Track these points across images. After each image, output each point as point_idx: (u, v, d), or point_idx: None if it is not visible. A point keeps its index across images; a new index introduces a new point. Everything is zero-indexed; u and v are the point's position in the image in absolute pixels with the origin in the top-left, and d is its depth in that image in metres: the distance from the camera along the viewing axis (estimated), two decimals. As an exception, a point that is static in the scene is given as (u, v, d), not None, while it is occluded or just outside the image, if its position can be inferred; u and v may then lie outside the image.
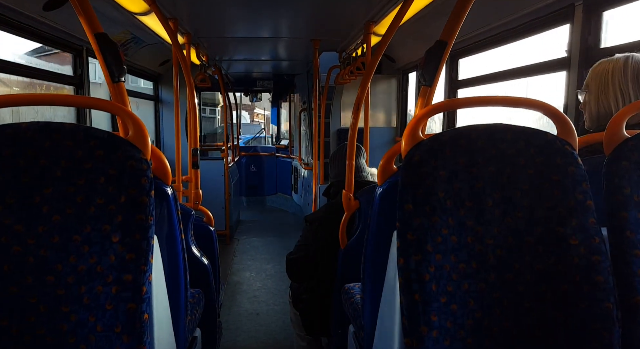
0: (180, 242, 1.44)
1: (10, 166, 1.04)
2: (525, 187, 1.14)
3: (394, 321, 1.18)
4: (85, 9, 1.39)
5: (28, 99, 1.19)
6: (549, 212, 1.12)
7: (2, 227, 1.01)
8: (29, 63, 2.83)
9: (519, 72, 2.63)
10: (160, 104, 5.67)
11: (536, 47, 2.57)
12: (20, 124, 1.08)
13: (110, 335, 1.00)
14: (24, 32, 2.58)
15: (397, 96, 4.96)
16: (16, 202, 1.03)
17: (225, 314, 3.52)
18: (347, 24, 3.51)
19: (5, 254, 1.00)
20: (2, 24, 2.36)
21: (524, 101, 1.27)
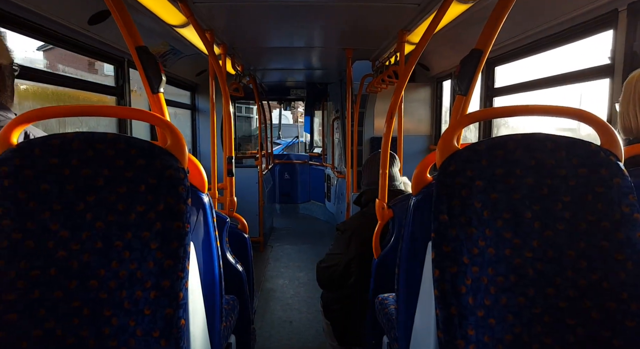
0: (216, 249, 1.46)
1: (57, 174, 1.08)
2: (567, 199, 1.10)
3: (430, 333, 1.16)
4: (127, 23, 1.44)
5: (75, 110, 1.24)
6: (592, 226, 1.08)
7: (49, 233, 1.05)
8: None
9: (559, 80, 2.56)
10: (197, 113, 5.81)
11: (574, 54, 2.50)
12: (66, 134, 1.13)
13: (149, 340, 1.02)
14: (69, 45, 2.70)
15: (431, 104, 4.91)
16: (62, 209, 1.07)
17: (259, 321, 3.55)
18: (380, 33, 3.50)
19: (51, 259, 1.04)
20: (51, 38, 2.48)
21: (565, 110, 1.23)
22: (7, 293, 1.01)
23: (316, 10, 2.87)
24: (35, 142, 1.10)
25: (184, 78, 5.08)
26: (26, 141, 1.10)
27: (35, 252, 1.04)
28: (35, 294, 1.03)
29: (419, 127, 4.98)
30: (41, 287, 1.03)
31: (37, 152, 1.08)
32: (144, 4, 2.50)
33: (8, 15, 2.03)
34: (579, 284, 1.07)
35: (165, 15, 2.79)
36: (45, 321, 1.03)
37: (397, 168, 2.59)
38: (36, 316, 1.02)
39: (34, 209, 1.06)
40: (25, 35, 2.34)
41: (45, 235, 1.05)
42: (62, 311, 1.03)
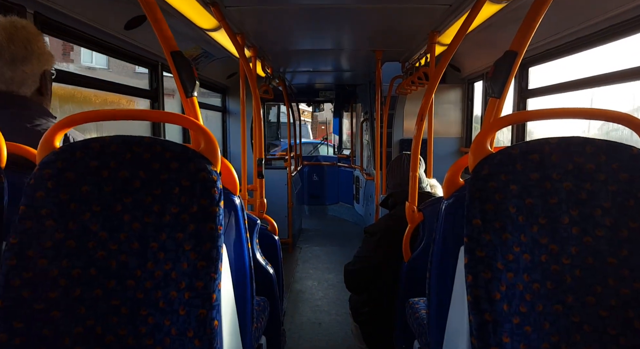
0: (247, 250, 1.48)
1: (96, 176, 1.12)
2: (607, 205, 1.07)
3: (463, 339, 1.15)
4: (163, 29, 1.47)
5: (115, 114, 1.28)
6: (635, 233, 1.04)
7: (89, 234, 1.09)
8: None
9: (597, 80, 2.47)
10: (228, 115, 5.89)
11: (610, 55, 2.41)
12: (104, 137, 1.16)
13: (184, 339, 1.05)
14: (106, 50, 2.79)
15: (462, 106, 4.83)
16: (101, 210, 1.10)
17: (288, 322, 3.56)
18: (410, 34, 3.48)
19: (92, 259, 1.08)
20: (89, 43, 2.57)
21: (606, 113, 1.20)
22: (50, 291, 1.05)
23: (345, 12, 2.87)
24: (76, 145, 1.14)
25: (215, 80, 5.16)
26: (68, 145, 1.14)
27: (76, 252, 1.08)
28: (77, 292, 1.06)
29: (449, 130, 4.91)
30: (82, 286, 1.07)
31: (78, 155, 1.12)
32: (178, 9, 2.56)
33: (51, 22, 2.12)
34: (621, 293, 1.03)
35: (198, 20, 2.85)
36: (86, 319, 1.06)
37: (423, 170, 2.55)
38: (77, 313, 1.06)
39: (75, 210, 1.09)
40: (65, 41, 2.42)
41: (85, 235, 1.09)
42: (101, 310, 1.07)
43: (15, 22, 1.34)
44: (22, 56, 1.34)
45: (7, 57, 1.31)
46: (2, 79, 1.32)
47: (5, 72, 1.31)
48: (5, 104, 1.32)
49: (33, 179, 1.09)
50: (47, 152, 1.12)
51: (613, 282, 1.04)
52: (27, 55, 1.35)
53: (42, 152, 1.13)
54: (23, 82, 1.36)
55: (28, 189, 1.08)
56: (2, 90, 1.33)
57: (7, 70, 1.32)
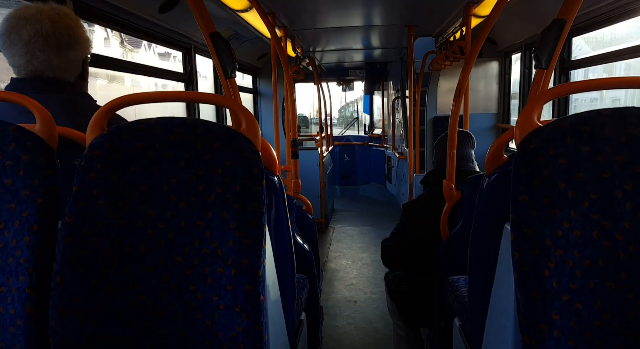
0: (288, 229, 1.50)
1: (143, 157, 1.15)
2: None
3: (509, 317, 1.13)
4: (201, 10, 1.48)
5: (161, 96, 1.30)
6: None
7: (138, 213, 1.12)
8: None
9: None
10: (259, 97, 5.91)
11: None
12: (149, 119, 1.18)
13: (232, 314, 1.07)
14: (141, 34, 2.82)
15: (498, 80, 4.68)
16: (149, 190, 1.13)
17: (324, 300, 3.62)
18: (444, 7, 3.37)
19: (141, 237, 1.11)
20: (125, 27, 2.60)
21: None
22: (104, 267, 1.09)
23: None
24: (123, 127, 1.16)
25: (245, 62, 5.17)
26: (115, 127, 1.17)
27: (127, 231, 1.11)
28: (129, 269, 1.10)
29: (485, 105, 4.78)
30: (133, 263, 1.10)
31: (125, 137, 1.14)
32: None
33: (88, 8, 2.15)
34: None
35: (229, 1, 2.84)
36: (139, 294, 1.10)
37: (473, 149, 2.47)
38: (130, 289, 1.10)
39: (124, 190, 1.13)
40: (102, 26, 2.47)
41: (135, 215, 1.12)
42: (152, 285, 1.10)
43: (58, 10, 1.37)
44: (66, 43, 1.37)
45: (54, 45, 1.34)
46: (50, 66, 1.36)
47: (52, 59, 1.35)
48: (54, 90, 1.36)
49: (84, 161, 1.12)
50: (95, 135, 1.16)
51: None
52: (71, 42, 1.38)
53: (91, 135, 1.16)
54: (68, 68, 1.40)
55: (80, 171, 1.12)
56: (50, 77, 1.36)
57: (54, 57, 1.35)
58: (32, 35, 1.31)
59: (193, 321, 1.09)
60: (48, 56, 1.34)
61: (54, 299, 1.07)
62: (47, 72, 1.36)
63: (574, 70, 3.10)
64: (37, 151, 1.14)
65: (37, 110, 1.17)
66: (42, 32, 1.32)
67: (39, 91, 1.33)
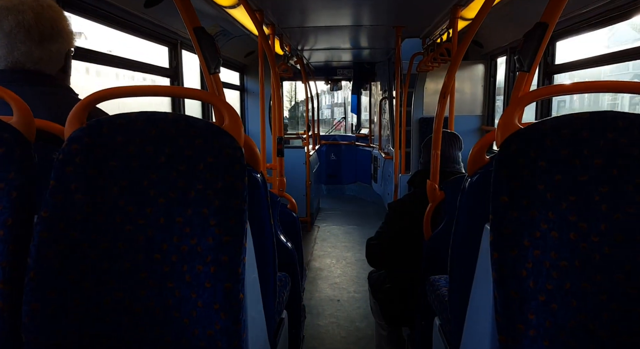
0: (270, 227, 1.49)
1: (123, 152, 1.13)
2: (639, 181, 1.04)
3: (487, 316, 1.14)
4: (185, 5, 1.46)
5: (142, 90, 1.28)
6: None
7: (117, 208, 1.11)
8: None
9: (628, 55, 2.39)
10: (246, 94, 5.89)
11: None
12: (130, 114, 1.17)
13: (210, 311, 1.07)
14: (126, 28, 2.79)
15: (484, 82, 4.73)
16: (128, 185, 1.12)
17: (307, 298, 3.62)
18: (432, 9, 3.40)
19: (120, 233, 1.10)
20: (109, 21, 2.57)
21: None
22: (81, 263, 1.08)
23: None
24: (103, 121, 1.15)
25: (233, 59, 5.15)
26: (95, 120, 1.15)
27: (104, 226, 1.10)
28: (106, 265, 1.09)
29: (470, 107, 4.81)
30: (111, 258, 1.09)
31: (104, 131, 1.13)
32: None
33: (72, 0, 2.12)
34: None
35: (217, -3, 2.83)
36: (116, 291, 1.09)
37: (460, 151, 2.48)
38: (107, 285, 1.09)
39: (102, 185, 1.11)
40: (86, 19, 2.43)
41: (113, 210, 1.10)
42: (130, 282, 1.09)
43: (41, 1, 1.35)
44: (49, 35, 1.35)
45: (36, 37, 1.32)
46: (31, 58, 1.33)
47: (34, 51, 1.32)
48: (35, 82, 1.34)
49: (62, 155, 1.11)
50: (74, 128, 1.14)
51: None
52: (54, 34, 1.36)
53: (70, 128, 1.15)
54: (50, 61, 1.38)
55: (58, 164, 1.10)
56: (31, 69, 1.34)
57: (36, 49, 1.33)
58: (14, 26, 1.29)
59: (170, 318, 1.08)
60: (29, 48, 1.32)
61: (27, 295, 1.05)
62: (27, 64, 1.33)
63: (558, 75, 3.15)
64: (13, 143, 1.11)
65: (15, 102, 1.15)
66: (24, 23, 1.29)
67: (19, 83, 1.30)
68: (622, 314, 1.01)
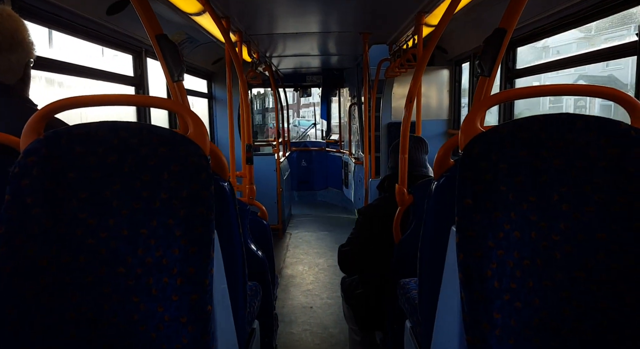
0: (239, 236, 1.47)
1: (83, 163, 1.10)
2: (597, 181, 1.07)
3: (454, 317, 1.16)
4: (146, 12, 1.44)
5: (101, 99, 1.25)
6: (625, 208, 1.05)
7: (78, 221, 1.07)
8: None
9: (582, 59, 2.49)
10: (214, 102, 5.83)
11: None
12: (90, 123, 1.14)
13: (177, 325, 1.04)
14: (88, 36, 2.72)
15: (449, 87, 4.83)
16: (89, 197, 1.09)
17: (280, 306, 3.59)
18: (397, 16, 3.45)
19: (81, 247, 1.07)
20: (69, 29, 2.50)
21: (594, 89, 1.20)
22: (41, 278, 1.04)
23: None
24: (61, 132, 1.11)
25: (200, 66, 5.09)
26: (52, 131, 1.11)
27: (65, 240, 1.06)
28: (68, 279, 1.05)
29: (437, 111, 4.91)
30: (72, 273, 1.06)
31: (63, 142, 1.09)
32: None
33: (30, 7, 2.06)
34: (611, 268, 1.04)
35: (181, 4, 2.79)
36: (79, 306, 1.05)
37: (426, 154, 2.52)
38: (69, 300, 1.05)
39: (62, 197, 1.08)
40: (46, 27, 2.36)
41: (73, 223, 1.07)
42: (93, 297, 1.06)
43: (0, 11, 1.31)
44: (8, 45, 1.30)
45: None
46: None
47: None
48: None
49: (17, 168, 1.07)
50: (31, 140, 1.10)
51: (603, 257, 1.05)
52: (13, 44, 1.32)
53: (26, 140, 1.11)
54: (9, 71, 1.33)
55: (13, 178, 1.06)
56: None
57: None
58: None
59: (136, 333, 1.05)
60: None
61: None
62: None
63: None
64: None
65: None
66: None
67: None
68: (582, 310, 1.04)
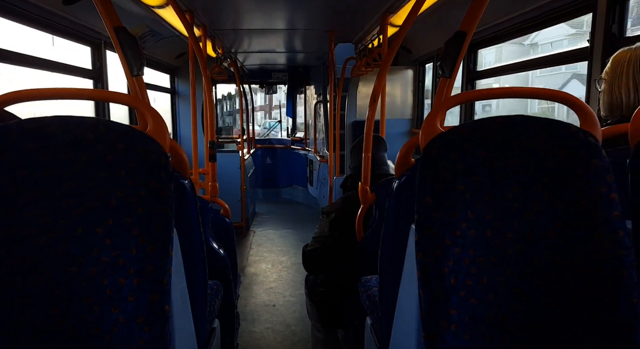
0: (199, 234, 1.45)
1: (34, 160, 1.05)
2: (547, 181, 1.11)
3: (412, 314, 1.18)
4: (105, 3, 1.39)
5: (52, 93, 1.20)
6: (571, 206, 1.10)
7: (28, 220, 1.03)
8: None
9: (539, 63, 2.58)
10: (177, 97, 5.71)
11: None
12: (42, 118, 1.09)
13: (133, 326, 1.02)
14: (43, 26, 2.61)
15: (413, 87, 4.91)
16: (40, 195, 1.04)
17: (242, 305, 3.56)
18: (363, 15, 3.47)
19: (31, 247, 1.02)
20: (23, 19, 2.39)
21: (546, 92, 1.25)
22: None
23: None
24: (11, 127, 1.06)
25: (162, 61, 4.97)
26: (1, 125, 1.06)
27: (13, 241, 1.01)
28: (15, 282, 1.01)
29: (401, 111, 4.98)
30: (21, 275, 1.01)
31: (12, 137, 1.05)
32: None
33: None
34: (557, 264, 1.09)
35: (143, -5, 2.72)
36: (27, 310, 1.01)
37: (386, 152, 2.58)
38: (17, 304, 1.00)
39: (10, 196, 1.03)
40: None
41: (23, 223, 1.02)
42: (43, 300, 1.01)
43: None
44: None
45: None
46: None
47: None
48: None
49: None
50: None
51: (550, 254, 1.09)
52: None
53: None
54: None
55: None
56: None
57: None
58: None
59: (90, 336, 1.02)
60: None
61: None
62: None
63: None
64: None
65: None
66: None
67: None
68: (531, 306, 1.08)
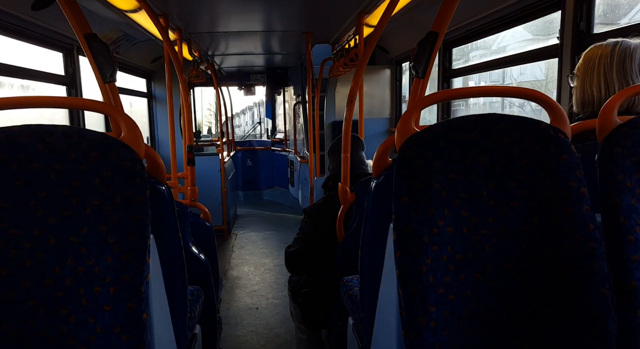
0: (178, 240, 1.44)
1: (4, 170, 1.03)
2: (520, 177, 1.14)
3: (393, 312, 1.19)
4: (74, 10, 1.37)
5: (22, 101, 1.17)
6: (544, 202, 1.13)
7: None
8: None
9: (511, 60, 2.63)
10: (154, 101, 5.65)
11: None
12: (12, 127, 1.07)
13: (110, 336, 1.00)
14: (12, 33, 2.55)
15: (391, 86, 4.95)
16: (11, 206, 1.02)
17: (225, 309, 3.54)
18: (339, 16, 3.49)
19: (3, 259, 1.00)
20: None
21: (517, 91, 1.27)
22: None
23: None
24: None
25: (138, 65, 4.91)
26: None
27: None
28: None
29: (379, 110, 5.02)
30: None
31: None
32: None
33: None
34: (533, 259, 1.11)
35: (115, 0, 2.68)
36: (1, 322, 0.99)
37: (363, 151, 2.60)
38: None
39: None
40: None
41: None
42: (17, 312, 0.99)
43: None
44: None
45: None
46: None
47: None
48: None
49: None
50: None
51: (526, 248, 1.12)
52: None
53: None
54: None
55: None
56: None
57: None
58: None
59: (66, 347, 1.00)
60: None
61: None
62: None
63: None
64: None
65: None
66: None
67: None
68: (509, 300, 1.10)
